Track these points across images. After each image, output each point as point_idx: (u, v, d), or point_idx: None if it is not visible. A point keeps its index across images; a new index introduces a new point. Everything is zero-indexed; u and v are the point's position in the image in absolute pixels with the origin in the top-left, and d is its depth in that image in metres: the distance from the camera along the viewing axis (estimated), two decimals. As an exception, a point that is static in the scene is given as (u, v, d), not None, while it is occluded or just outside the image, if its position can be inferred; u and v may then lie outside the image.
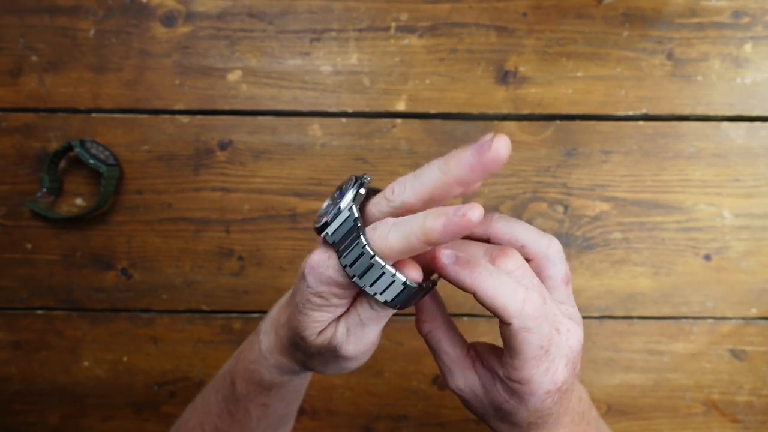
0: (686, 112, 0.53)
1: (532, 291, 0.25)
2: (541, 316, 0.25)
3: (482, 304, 0.25)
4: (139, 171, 0.54)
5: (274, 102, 0.53)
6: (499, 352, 0.29)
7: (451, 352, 0.29)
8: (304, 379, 0.37)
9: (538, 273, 0.28)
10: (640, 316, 0.54)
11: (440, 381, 0.55)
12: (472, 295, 0.26)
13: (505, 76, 0.53)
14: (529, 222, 0.53)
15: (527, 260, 0.28)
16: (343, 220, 0.25)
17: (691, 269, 0.54)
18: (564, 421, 0.30)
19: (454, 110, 0.53)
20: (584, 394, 0.33)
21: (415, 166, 0.53)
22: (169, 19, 0.53)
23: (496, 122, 0.53)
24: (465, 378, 0.29)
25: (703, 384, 0.54)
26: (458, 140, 0.53)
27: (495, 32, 0.53)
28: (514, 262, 0.26)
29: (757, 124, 0.53)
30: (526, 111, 0.53)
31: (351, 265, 0.24)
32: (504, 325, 0.26)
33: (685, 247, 0.53)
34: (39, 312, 0.55)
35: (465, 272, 0.25)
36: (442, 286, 0.29)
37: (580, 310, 0.54)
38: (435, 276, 0.28)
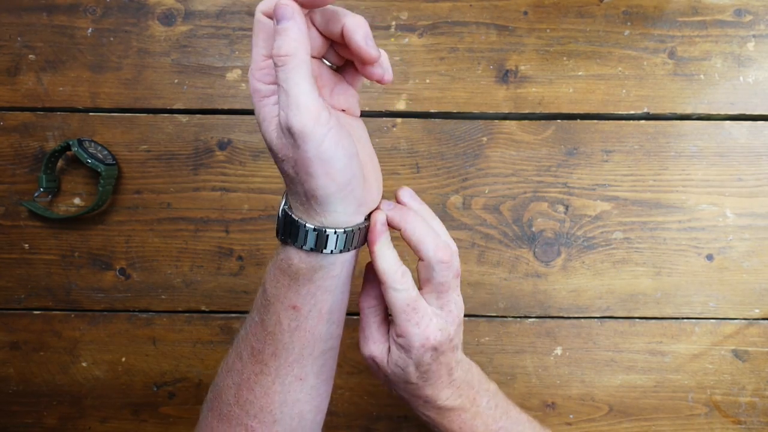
0: (688, 111, 0.53)
1: (453, 244, 0.37)
2: (407, 284, 0.35)
3: (407, 239, 0.35)
4: (138, 170, 0.54)
5: (274, 101, 0.53)
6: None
7: (375, 322, 0.38)
8: (332, 289, 0.36)
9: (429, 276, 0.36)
10: (641, 316, 0.54)
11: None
12: (472, 292, 0.26)
13: (505, 75, 0.53)
14: (530, 222, 0.53)
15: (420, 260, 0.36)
16: None
17: (693, 269, 0.53)
18: (448, 382, 0.38)
19: (454, 109, 0.53)
20: (475, 370, 0.41)
21: (416, 165, 0.53)
22: (167, 18, 0.53)
23: (496, 121, 0.53)
24: (377, 344, 0.38)
25: (706, 385, 0.54)
26: (458, 139, 0.53)
27: (495, 31, 0.53)
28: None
29: (760, 123, 0.53)
30: (526, 110, 0.53)
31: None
32: (381, 286, 0.35)
33: (687, 247, 0.53)
34: (37, 312, 0.55)
35: (398, 213, 0.35)
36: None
37: (581, 310, 0.54)
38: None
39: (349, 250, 0.34)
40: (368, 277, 0.38)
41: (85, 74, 0.53)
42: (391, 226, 0.36)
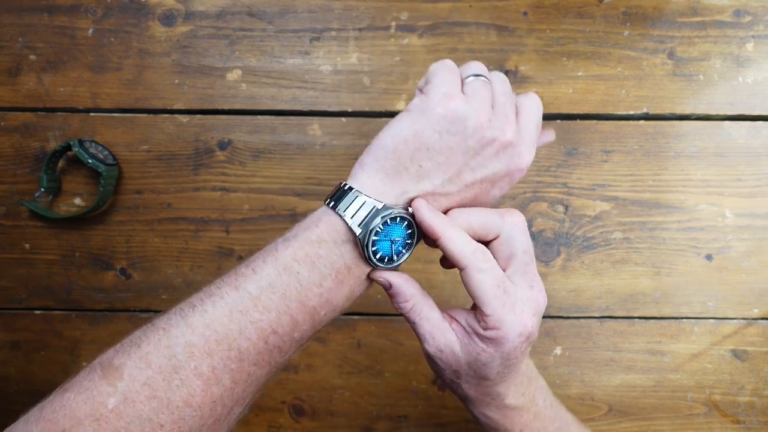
0: (687, 111, 0.53)
1: (482, 246, 0.32)
2: (491, 262, 0.31)
3: (444, 253, 0.32)
4: (139, 171, 0.54)
5: (274, 101, 0.53)
6: (471, 313, 0.33)
7: (431, 316, 0.33)
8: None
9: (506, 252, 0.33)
10: (641, 316, 0.54)
11: (440, 381, 0.55)
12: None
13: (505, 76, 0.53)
14: (530, 222, 0.53)
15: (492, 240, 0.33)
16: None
17: (692, 269, 0.53)
18: (519, 380, 0.35)
19: (454, 110, 0.53)
20: (532, 366, 0.37)
21: (415, 165, 0.53)
22: (168, 19, 0.53)
23: (496, 122, 0.53)
24: (445, 338, 0.33)
25: (705, 384, 0.54)
26: (458, 140, 0.53)
27: (495, 31, 0.53)
28: (512, 217, 0.33)
29: (759, 123, 0.53)
30: (526, 110, 0.53)
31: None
32: (462, 273, 0.31)
33: (687, 247, 0.53)
34: (38, 312, 0.55)
35: (433, 220, 0.31)
36: (442, 288, 0.29)
37: (580, 310, 0.54)
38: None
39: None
40: (390, 279, 0.33)
41: (86, 74, 0.53)
42: (434, 234, 0.32)
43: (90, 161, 0.50)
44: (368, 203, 0.30)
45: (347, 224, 0.30)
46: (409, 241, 0.32)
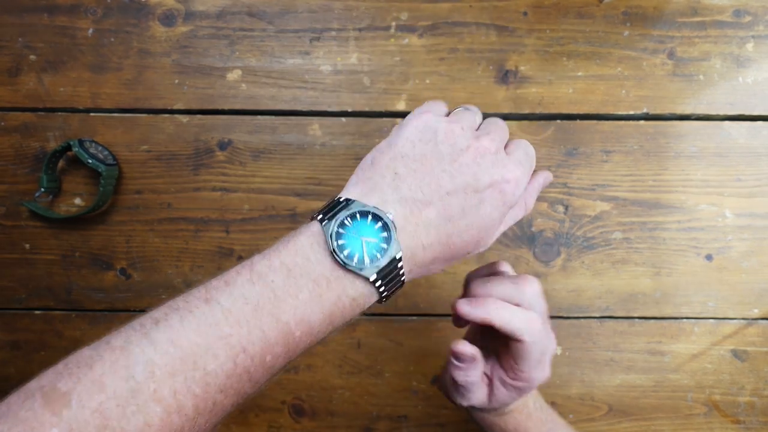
0: (687, 111, 0.53)
1: (533, 313, 0.34)
2: (541, 331, 0.34)
3: (499, 330, 0.33)
4: (139, 171, 0.54)
5: (274, 101, 0.53)
6: (497, 364, 0.37)
7: (476, 381, 0.37)
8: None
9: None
10: (641, 316, 0.54)
11: (440, 382, 0.55)
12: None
13: (505, 76, 0.53)
14: (529, 222, 0.53)
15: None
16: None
17: (692, 269, 0.53)
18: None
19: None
20: None
21: (416, 165, 0.53)
22: (168, 19, 0.53)
23: (496, 122, 0.53)
24: (478, 395, 0.38)
25: (705, 384, 0.54)
26: (458, 140, 0.53)
27: (495, 31, 0.53)
28: (530, 287, 0.35)
29: (759, 123, 0.53)
30: (526, 110, 0.53)
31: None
32: (517, 342, 0.34)
33: (687, 247, 0.53)
34: (38, 312, 0.55)
35: (480, 311, 0.33)
36: (441, 288, 0.29)
37: (580, 310, 0.54)
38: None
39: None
40: (473, 352, 0.36)
41: (86, 75, 0.53)
42: (474, 321, 0.34)
43: (90, 161, 0.50)
44: (342, 202, 0.30)
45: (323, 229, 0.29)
46: (384, 246, 0.29)
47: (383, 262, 0.29)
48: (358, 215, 0.29)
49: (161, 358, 0.24)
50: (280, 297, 0.27)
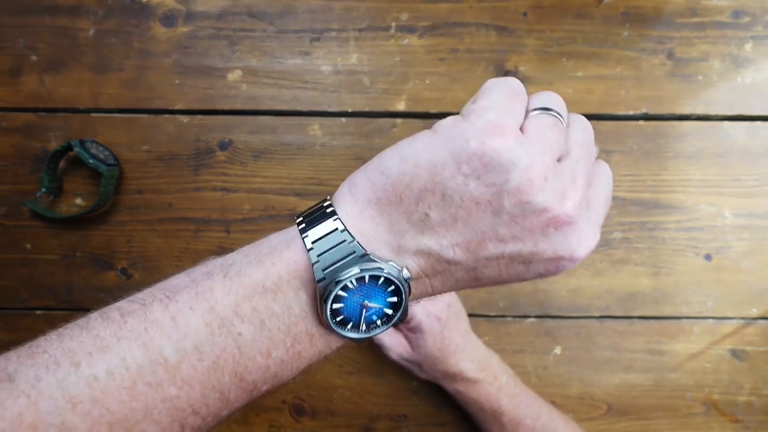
0: (687, 111, 0.53)
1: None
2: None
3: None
4: (139, 171, 0.54)
5: (274, 102, 0.53)
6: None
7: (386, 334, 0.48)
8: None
9: None
10: (640, 316, 0.54)
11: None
12: (472, 291, 0.26)
13: (505, 76, 0.53)
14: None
15: None
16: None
17: (691, 269, 0.54)
18: (470, 358, 0.47)
19: (454, 110, 0.53)
20: (494, 356, 0.49)
21: (416, 165, 0.53)
22: (169, 19, 0.53)
23: (496, 122, 0.53)
24: (397, 345, 0.49)
25: (704, 384, 0.54)
26: (458, 140, 0.53)
27: (495, 32, 0.53)
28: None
29: (758, 123, 0.53)
30: (526, 111, 0.53)
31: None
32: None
33: (686, 246, 0.53)
34: (39, 312, 0.55)
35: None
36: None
37: (580, 309, 0.54)
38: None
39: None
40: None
41: (87, 75, 0.53)
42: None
43: (91, 161, 0.50)
44: (347, 244, 0.22)
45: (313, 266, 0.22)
46: (389, 312, 0.23)
47: (382, 329, 0.24)
48: (366, 278, 0.22)
49: (81, 422, 0.18)
50: (248, 355, 0.21)
